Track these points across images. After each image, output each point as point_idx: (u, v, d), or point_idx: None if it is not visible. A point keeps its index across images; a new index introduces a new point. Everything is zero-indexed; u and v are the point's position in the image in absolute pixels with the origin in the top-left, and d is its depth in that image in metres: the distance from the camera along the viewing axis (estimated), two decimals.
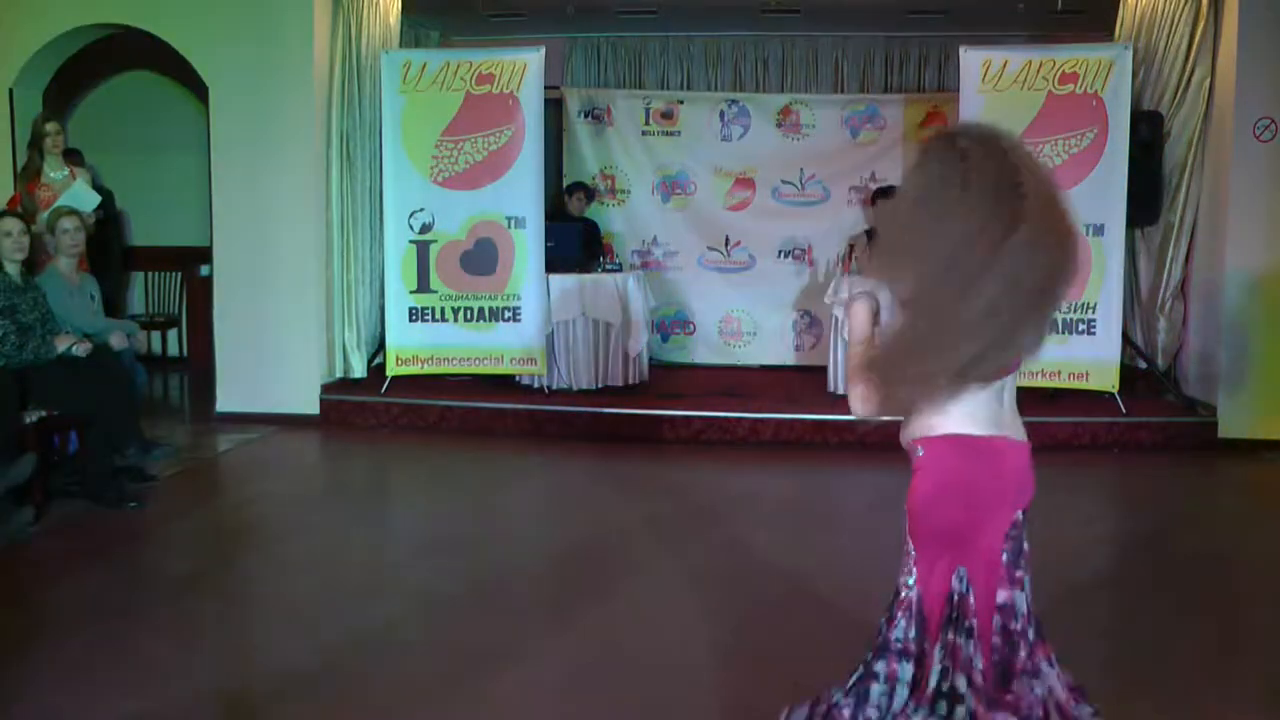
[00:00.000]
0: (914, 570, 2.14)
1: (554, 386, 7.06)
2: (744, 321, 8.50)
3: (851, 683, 2.21)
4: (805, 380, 7.56)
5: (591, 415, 6.70)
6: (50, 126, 6.33)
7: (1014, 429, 2.14)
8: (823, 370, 7.28)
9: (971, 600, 2.10)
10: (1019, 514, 2.14)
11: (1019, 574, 2.13)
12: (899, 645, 2.15)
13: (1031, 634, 2.15)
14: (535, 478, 6.07)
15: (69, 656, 3.46)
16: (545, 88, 7.00)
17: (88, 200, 6.21)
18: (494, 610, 3.93)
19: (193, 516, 5.14)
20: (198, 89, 7.30)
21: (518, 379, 7.13)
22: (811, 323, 8.37)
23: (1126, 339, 6.85)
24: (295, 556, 4.58)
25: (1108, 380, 6.50)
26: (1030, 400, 6.92)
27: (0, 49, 6.80)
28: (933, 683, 2.11)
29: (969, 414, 2.09)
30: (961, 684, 2.10)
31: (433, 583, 4.22)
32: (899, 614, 2.16)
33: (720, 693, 3.24)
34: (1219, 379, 6.47)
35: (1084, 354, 6.49)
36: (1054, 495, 5.37)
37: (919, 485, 2.13)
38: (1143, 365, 7.03)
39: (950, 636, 2.11)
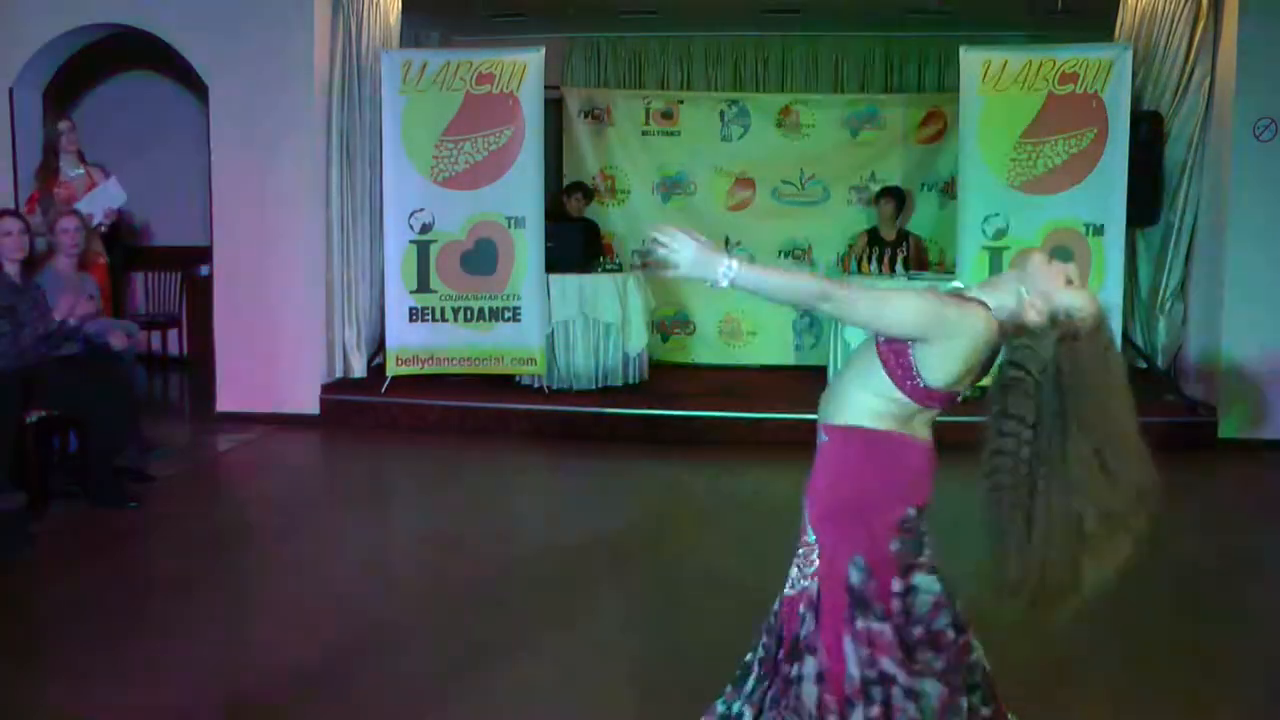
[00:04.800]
0: (815, 561, 2.22)
1: (554, 386, 7.06)
2: (744, 321, 8.50)
3: (770, 695, 2.24)
4: (805, 380, 7.55)
5: (591, 415, 6.69)
6: (63, 125, 6.41)
7: (916, 428, 2.23)
8: (823, 370, 7.28)
9: (873, 584, 2.18)
10: (911, 510, 2.21)
11: (921, 559, 2.22)
12: (809, 640, 2.21)
13: (944, 619, 2.23)
14: (535, 478, 6.07)
15: (69, 656, 3.46)
16: (545, 88, 7.00)
17: (115, 197, 6.30)
18: (494, 609, 3.93)
19: (192, 516, 5.14)
20: (198, 89, 7.30)
21: (518, 379, 7.12)
22: (811, 323, 8.36)
23: (1126, 339, 6.84)
24: (295, 556, 4.58)
25: None
26: None
27: (0, 49, 6.80)
28: (856, 673, 2.16)
29: (877, 413, 2.18)
30: (888, 664, 2.17)
31: (433, 582, 4.22)
32: (803, 608, 2.22)
33: (718, 690, 3.24)
34: (1219, 379, 6.47)
35: None
36: None
37: (818, 471, 2.26)
38: (1143, 365, 7.03)
39: (861, 625, 2.17)
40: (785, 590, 2.27)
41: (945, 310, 2.10)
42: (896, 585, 2.19)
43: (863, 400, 2.20)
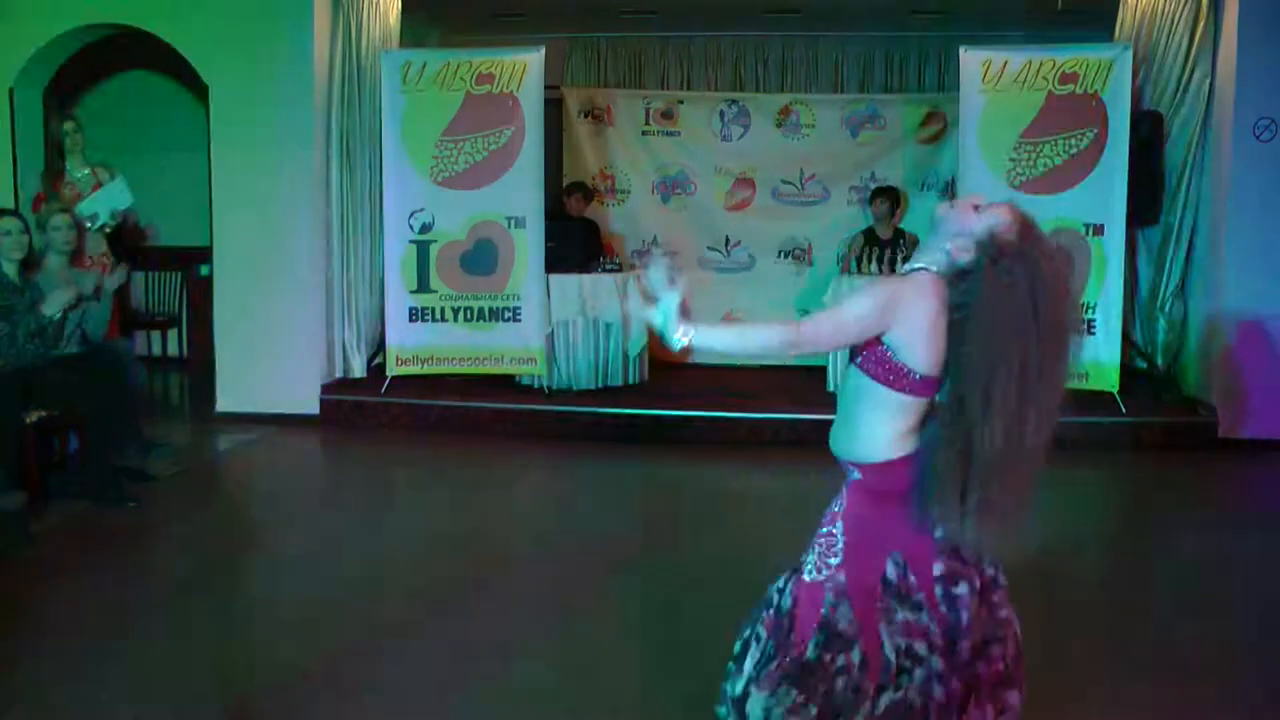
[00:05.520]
0: (840, 554, 2.24)
1: (554, 386, 7.06)
2: (744, 321, 8.49)
3: (803, 680, 2.24)
4: (805, 380, 7.56)
5: (591, 415, 6.69)
6: (68, 125, 6.44)
7: None
8: (823, 370, 7.28)
9: (912, 579, 2.20)
10: None
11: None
12: (847, 630, 2.22)
13: (973, 601, 2.23)
14: (535, 478, 6.07)
15: (69, 657, 3.46)
16: (545, 87, 7.00)
17: (122, 198, 6.35)
18: (494, 610, 3.93)
19: (192, 516, 5.14)
20: (198, 89, 7.30)
21: (518, 379, 7.12)
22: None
23: (1126, 339, 6.84)
24: (295, 556, 4.58)
25: (1108, 380, 6.50)
26: None
27: (0, 49, 6.80)
28: (892, 659, 2.19)
29: (902, 433, 2.20)
30: (921, 648, 2.19)
31: (432, 582, 4.22)
32: (833, 597, 2.23)
33: (718, 689, 3.24)
34: (1219, 379, 6.47)
35: (1084, 354, 6.48)
36: (1053, 495, 5.38)
37: (858, 502, 2.25)
38: (1143, 365, 7.03)
39: (901, 616, 2.19)
40: (804, 575, 2.29)
41: (894, 288, 2.16)
42: (938, 569, 2.21)
43: (883, 429, 2.21)
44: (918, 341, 2.13)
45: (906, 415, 2.19)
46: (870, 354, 2.18)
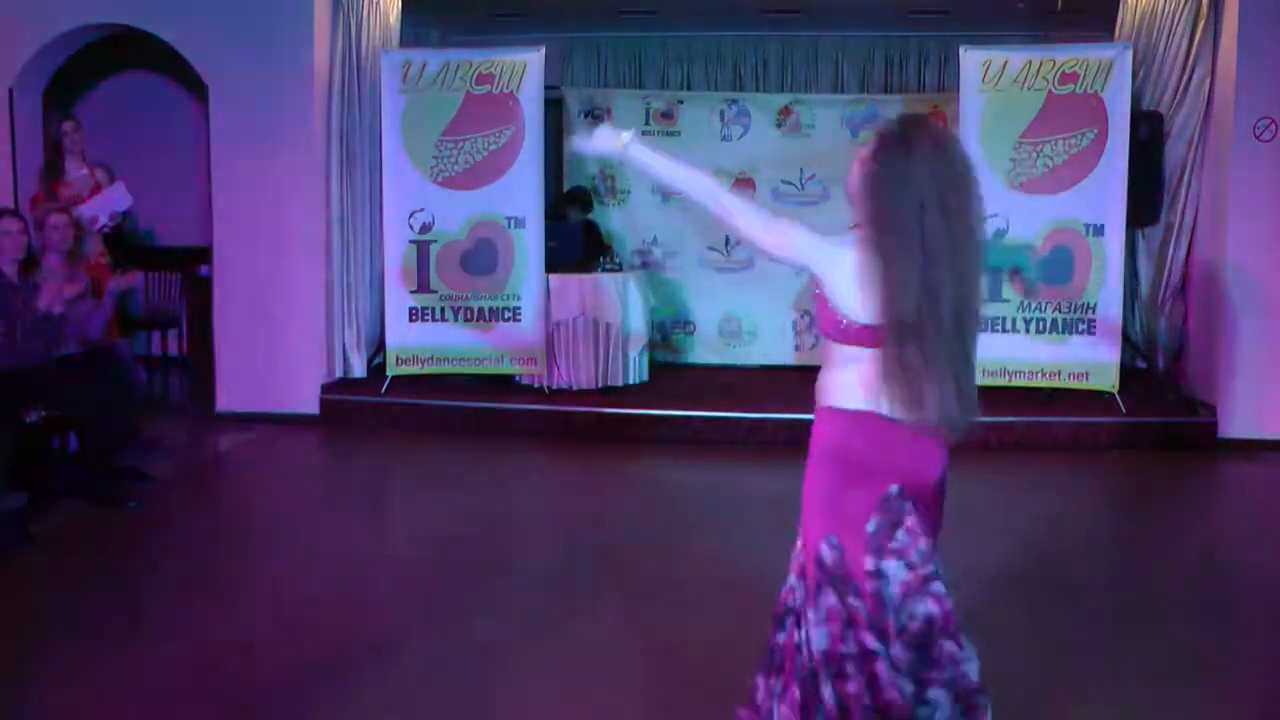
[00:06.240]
0: (799, 533, 2.34)
1: (554, 386, 7.06)
2: (744, 321, 8.50)
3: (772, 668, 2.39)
4: (805, 380, 7.52)
5: (591, 415, 6.70)
6: (68, 125, 6.45)
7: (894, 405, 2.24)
8: None
9: (848, 563, 2.25)
10: (894, 488, 2.24)
11: (892, 545, 2.24)
12: (801, 608, 2.33)
13: (920, 607, 2.25)
14: (535, 478, 6.07)
15: (69, 656, 3.46)
16: (545, 87, 7.00)
17: (121, 201, 6.40)
18: (494, 610, 3.93)
19: (192, 516, 5.15)
20: (198, 89, 7.30)
21: (518, 379, 7.13)
22: (811, 323, 8.37)
23: (1126, 339, 6.84)
24: (295, 556, 4.58)
25: (1108, 380, 6.50)
26: (1030, 400, 6.83)
27: (0, 49, 6.80)
28: (823, 646, 2.24)
29: (848, 384, 2.25)
30: (870, 640, 2.23)
31: (433, 583, 4.22)
32: (794, 580, 2.36)
33: (718, 690, 3.24)
34: (1219, 379, 6.47)
35: (1084, 354, 6.49)
36: (1054, 495, 5.40)
37: (808, 453, 2.34)
38: (1143, 365, 7.03)
39: (834, 602, 2.25)
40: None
41: (825, 241, 2.26)
42: (869, 564, 2.24)
43: (832, 376, 2.31)
44: (849, 292, 2.20)
45: (848, 367, 2.26)
46: (820, 312, 2.29)
